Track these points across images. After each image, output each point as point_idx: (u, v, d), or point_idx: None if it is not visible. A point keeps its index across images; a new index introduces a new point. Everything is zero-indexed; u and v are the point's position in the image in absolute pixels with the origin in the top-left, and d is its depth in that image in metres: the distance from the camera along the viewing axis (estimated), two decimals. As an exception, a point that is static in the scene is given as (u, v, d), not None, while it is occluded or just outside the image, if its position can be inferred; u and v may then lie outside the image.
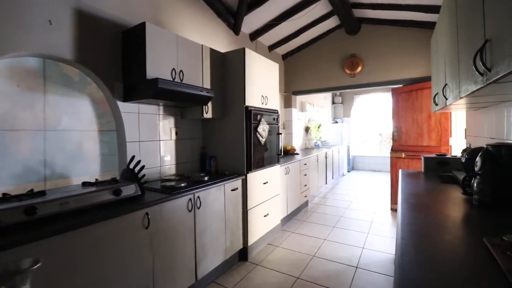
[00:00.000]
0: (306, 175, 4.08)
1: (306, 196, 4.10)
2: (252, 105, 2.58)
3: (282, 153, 3.37)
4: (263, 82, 2.79)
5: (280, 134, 3.09)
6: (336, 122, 7.54)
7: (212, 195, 2.08)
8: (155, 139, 2.28)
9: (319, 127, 6.38)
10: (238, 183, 2.42)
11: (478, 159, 1.25)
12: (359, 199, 4.63)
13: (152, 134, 2.26)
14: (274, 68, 3.06)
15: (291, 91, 4.91)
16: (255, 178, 2.61)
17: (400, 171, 2.27)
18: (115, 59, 1.98)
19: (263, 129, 2.70)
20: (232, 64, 2.56)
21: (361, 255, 2.55)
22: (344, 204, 4.30)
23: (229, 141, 2.59)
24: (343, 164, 6.81)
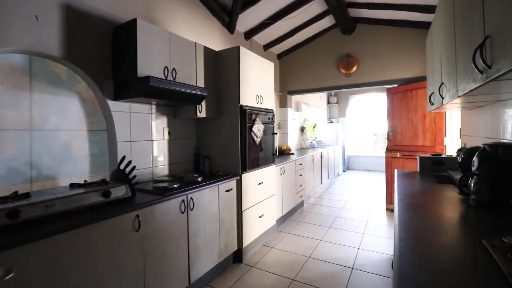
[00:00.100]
0: (301, 175, 4.06)
1: (302, 197, 4.08)
2: (247, 104, 2.55)
3: (277, 153, 3.34)
4: (258, 81, 2.76)
5: (275, 134, 3.06)
6: (332, 122, 7.55)
7: (206, 196, 2.04)
8: (147, 139, 2.23)
9: (314, 127, 6.37)
10: (233, 183, 2.38)
11: (475, 158, 1.24)
12: (355, 199, 4.63)
13: (144, 133, 2.20)
14: (269, 67, 3.03)
15: (286, 90, 4.89)
16: (250, 179, 2.58)
17: (395, 171, 2.26)
18: (106, 56, 1.92)
19: (258, 128, 2.66)
20: (227, 62, 2.52)
21: (356, 256, 2.53)
22: (339, 204, 4.29)
23: (223, 141, 2.55)
24: (338, 164, 6.82)
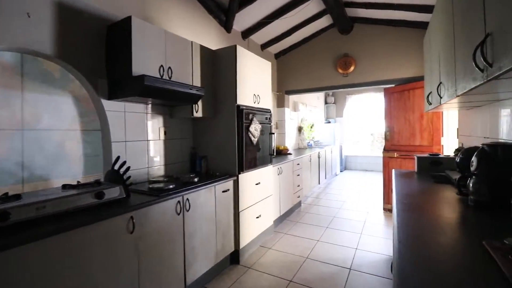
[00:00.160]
0: (299, 175, 4.04)
1: (299, 197, 4.07)
2: (244, 104, 2.52)
3: (275, 153, 3.33)
4: (255, 80, 2.73)
5: (273, 134, 3.04)
6: (329, 122, 7.56)
7: (202, 197, 2.01)
8: (143, 139, 2.19)
9: (312, 127, 6.37)
10: (230, 184, 2.35)
11: (473, 158, 1.23)
12: (352, 199, 4.63)
13: (139, 133, 2.16)
14: (267, 66, 3.00)
15: (283, 90, 4.87)
16: (247, 179, 2.55)
17: (393, 171, 2.25)
18: (99, 55, 1.88)
19: (255, 128, 2.64)
20: (224, 61, 2.49)
21: (354, 256, 2.52)
22: (337, 204, 4.28)
23: (220, 141, 2.52)
24: (335, 164, 6.82)
